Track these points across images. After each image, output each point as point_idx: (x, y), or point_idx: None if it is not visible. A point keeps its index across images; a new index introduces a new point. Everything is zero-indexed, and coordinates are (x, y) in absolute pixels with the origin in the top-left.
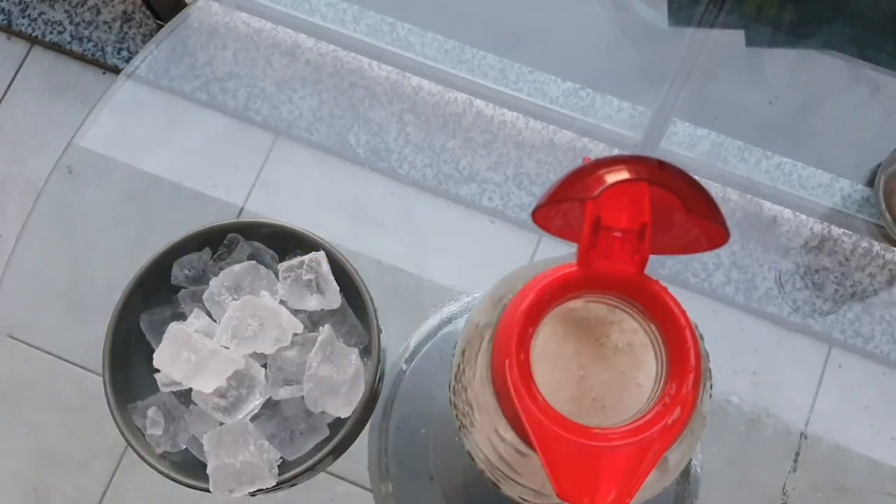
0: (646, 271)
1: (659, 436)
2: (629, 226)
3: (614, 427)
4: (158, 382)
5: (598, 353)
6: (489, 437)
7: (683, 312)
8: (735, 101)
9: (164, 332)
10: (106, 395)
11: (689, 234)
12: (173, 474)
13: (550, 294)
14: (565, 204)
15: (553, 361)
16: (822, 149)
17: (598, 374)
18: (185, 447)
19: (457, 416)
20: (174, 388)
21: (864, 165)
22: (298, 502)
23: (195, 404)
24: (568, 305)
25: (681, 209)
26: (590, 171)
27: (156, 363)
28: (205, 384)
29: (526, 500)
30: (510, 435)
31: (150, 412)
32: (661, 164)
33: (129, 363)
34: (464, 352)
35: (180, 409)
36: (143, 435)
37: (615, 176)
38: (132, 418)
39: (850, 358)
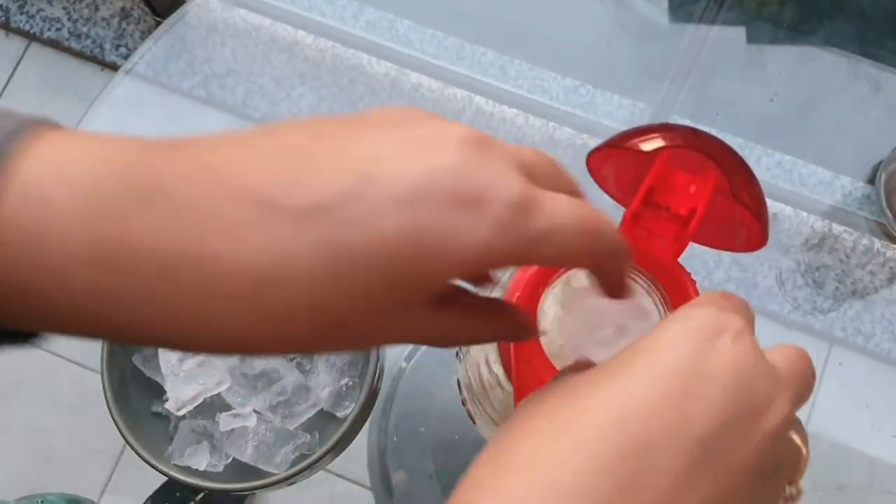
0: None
1: None
2: (677, 209)
3: None
4: (172, 409)
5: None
6: (479, 365)
7: None
8: (736, 98)
9: None
10: (104, 394)
11: (728, 229)
12: (172, 474)
13: None
14: (620, 160)
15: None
16: (822, 146)
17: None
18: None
19: (458, 351)
20: (188, 408)
21: (865, 163)
22: (298, 501)
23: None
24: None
25: (727, 199)
26: (654, 131)
27: (171, 405)
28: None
29: None
30: (497, 367)
31: (190, 451)
32: (731, 150)
33: (127, 361)
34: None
35: (208, 426)
36: (148, 440)
37: (677, 142)
38: (131, 418)
39: (850, 356)
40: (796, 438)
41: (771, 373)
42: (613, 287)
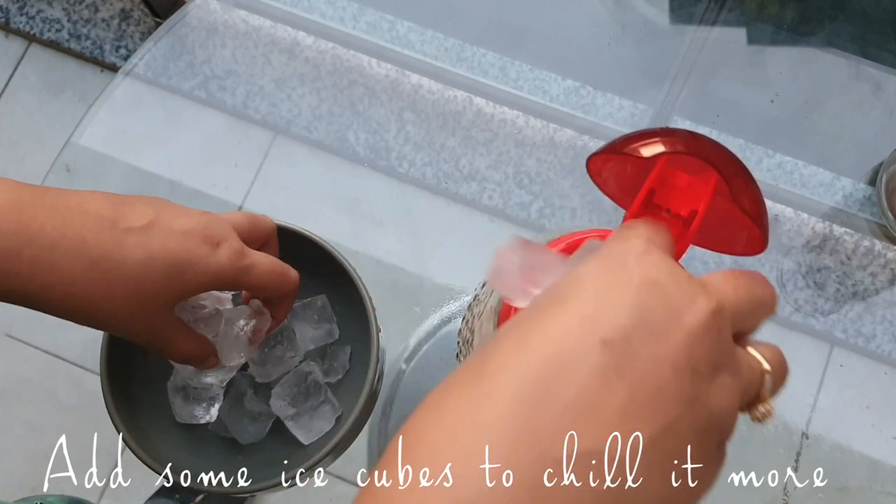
0: None
1: None
2: (678, 210)
3: None
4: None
5: None
6: None
7: None
8: (736, 99)
9: None
10: (104, 394)
11: (728, 232)
12: (171, 474)
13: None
14: (621, 164)
15: None
16: (823, 147)
17: None
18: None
19: (458, 343)
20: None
21: (866, 164)
22: (298, 502)
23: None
24: None
25: (728, 201)
26: (654, 135)
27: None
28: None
29: None
30: None
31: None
32: (732, 155)
33: (126, 362)
34: (485, 284)
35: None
36: (148, 440)
37: (677, 148)
38: (131, 419)
39: (851, 357)
40: (756, 354)
41: (685, 278)
42: (280, 315)
